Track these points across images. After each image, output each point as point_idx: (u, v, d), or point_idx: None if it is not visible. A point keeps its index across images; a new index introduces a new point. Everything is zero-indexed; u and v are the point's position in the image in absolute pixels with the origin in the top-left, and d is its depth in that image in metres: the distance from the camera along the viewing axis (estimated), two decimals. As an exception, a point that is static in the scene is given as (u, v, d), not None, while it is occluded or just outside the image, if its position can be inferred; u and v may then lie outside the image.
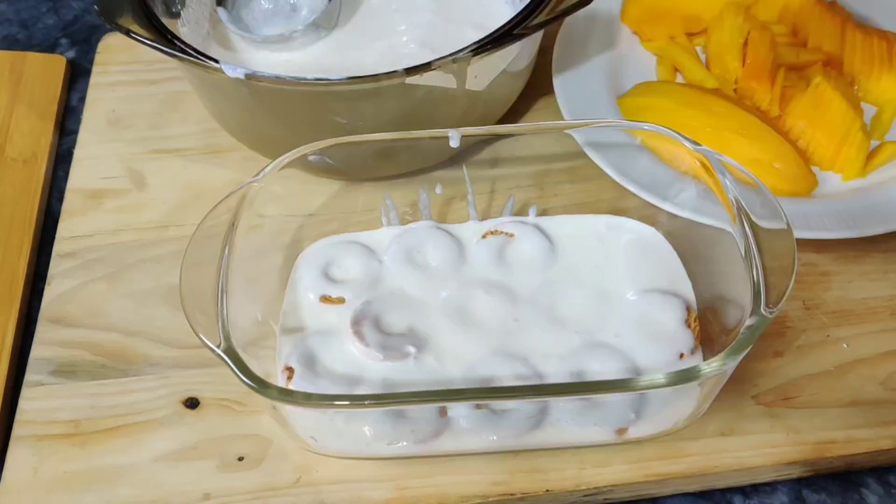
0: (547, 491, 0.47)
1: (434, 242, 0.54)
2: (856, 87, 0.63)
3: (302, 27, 0.62)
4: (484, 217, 0.56)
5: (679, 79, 0.65)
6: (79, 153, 0.63)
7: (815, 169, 0.60)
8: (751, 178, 0.46)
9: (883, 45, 0.63)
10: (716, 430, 0.49)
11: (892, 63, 0.63)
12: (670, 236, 0.54)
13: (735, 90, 0.63)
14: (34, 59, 0.70)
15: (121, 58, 0.69)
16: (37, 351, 0.53)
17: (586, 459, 0.48)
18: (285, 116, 0.55)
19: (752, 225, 0.44)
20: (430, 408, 0.46)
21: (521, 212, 0.56)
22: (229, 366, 0.41)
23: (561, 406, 0.46)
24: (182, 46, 0.51)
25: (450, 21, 0.63)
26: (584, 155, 0.55)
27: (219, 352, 0.41)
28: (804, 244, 0.53)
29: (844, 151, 0.59)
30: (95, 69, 0.69)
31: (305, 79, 0.50)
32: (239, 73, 0.50)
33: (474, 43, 0.51)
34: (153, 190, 0.61)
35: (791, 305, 0.54)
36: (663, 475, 0.47)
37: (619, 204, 0.55)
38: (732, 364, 0.41)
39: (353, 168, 0.56)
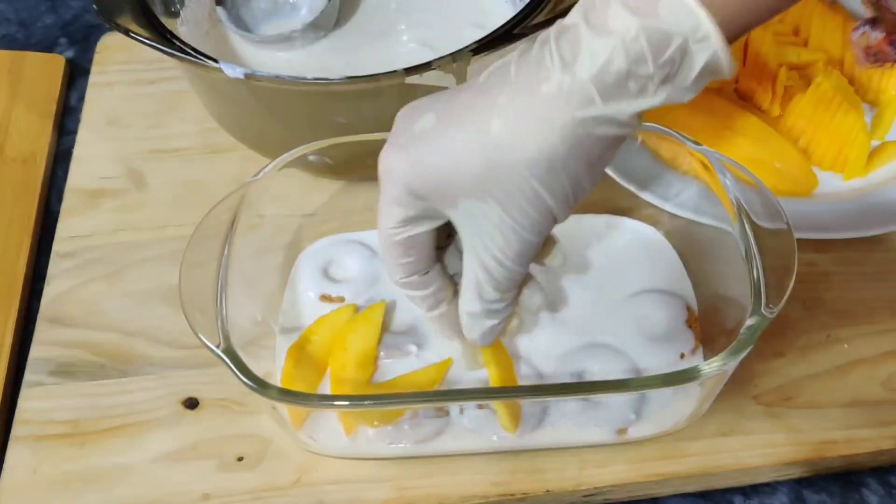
0: (547, 491, 0.47)
1: (434, 242, 0.54)
2: (856, 87, 0.63)
3: (301, 27, 0.62)
4: (484, 217, 0.56)
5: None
6: (78, 153, 0.63)
7: (815, 169, 0.59)
8: (751, 177, 0.46)
9: (883, 45, 0.63)
10: (716, 430, 0.48)
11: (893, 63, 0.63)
12: (670, 236, 0.54)
13: (735, 90, 0.63)
14: (33, 58, 0.70)
15: (120, 57, 0.69)
16: (36, 351, 0.53)
17: (586, 459, 0.47)
18: (285, 116, 0.55)
19: (753, 225, 0.44)
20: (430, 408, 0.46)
21: (521, 211, 0.56)
22: (229, 366, 0.41)
23: (561, 406, 0.46)
24: (181, 46, 0.51)
25: (449, 20, 0.63)
26: (585, 154, 0.55)
27: (218, 352, 0.41)
28: (804, 244, 0.53)
29: (845, 151, 0.59)
30: (94, 69, 0.68)
31: (305, 78, 0.50)
32: (238, 73, 0.50)
33: (474, 42, 0.51)
34: (152, 189, 0.61)
35: (791, 305, 0.53)
36: (663, 475, 0.47)
37: (619, 204, 0.55)
38: (733, 364, 0.41)
39: (352, 168, 0.55)
